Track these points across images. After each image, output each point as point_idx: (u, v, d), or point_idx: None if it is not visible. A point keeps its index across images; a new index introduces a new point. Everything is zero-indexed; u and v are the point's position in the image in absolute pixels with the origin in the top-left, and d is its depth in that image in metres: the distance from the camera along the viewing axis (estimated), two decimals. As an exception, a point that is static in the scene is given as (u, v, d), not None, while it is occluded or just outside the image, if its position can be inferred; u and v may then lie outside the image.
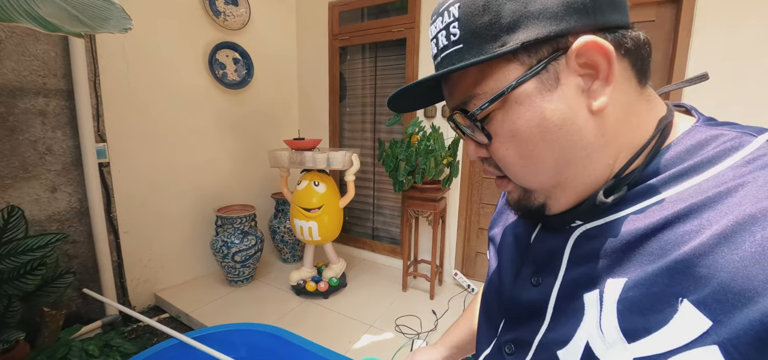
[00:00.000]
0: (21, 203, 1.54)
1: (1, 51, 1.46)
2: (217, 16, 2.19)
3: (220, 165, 2.37)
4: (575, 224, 0.36)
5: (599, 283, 0.32)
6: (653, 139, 0.33)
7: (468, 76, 0.34)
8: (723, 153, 0.30)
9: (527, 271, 0.41)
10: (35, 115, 1.58)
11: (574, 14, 0.30)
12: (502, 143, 0.35)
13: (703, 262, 0.26)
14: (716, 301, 0.25)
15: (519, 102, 0.32)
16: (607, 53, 0.30)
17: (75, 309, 1.72)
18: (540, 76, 0.31)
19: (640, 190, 0.32)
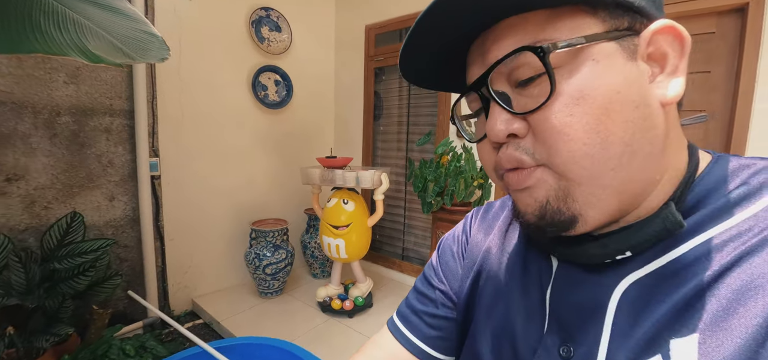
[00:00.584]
0: (84, 210, 1.72)
1: (78, 77, 1.68)
2: (261, 42, 2.36)
3: (258, 180, 2.50)
4: (622, 256, 0.29)
5: (660, 347, 0.26)
6: (691, 166, 0.30)
7: (531, 19, 0.27)
8: (766, 183, 0.27)
9: (552, 341, 0.32)
10: (101, 132, 1.78)
11: (651, 2, 0.27)
12: (566, 105, 0.27)
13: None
14: None
15: (596, 59, 0.26)
16: (683, 42, 0.27)
17: (121, 308, 1.87)
18: (620, 42, 0.27)
19: (695, 221, 0.28)
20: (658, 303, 0.27)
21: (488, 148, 0.32)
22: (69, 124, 1.67)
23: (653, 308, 0.27)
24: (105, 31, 0.69)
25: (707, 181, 0.29)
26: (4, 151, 1.50)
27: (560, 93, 0.27)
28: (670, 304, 0.27)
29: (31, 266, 1.28)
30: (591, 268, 0.31)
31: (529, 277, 0.36)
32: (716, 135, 1.54)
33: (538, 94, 0.28)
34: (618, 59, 0.26)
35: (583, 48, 0.26)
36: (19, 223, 1.56)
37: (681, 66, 0.28)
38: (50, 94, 1.61)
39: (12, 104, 1.52)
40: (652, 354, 0.26)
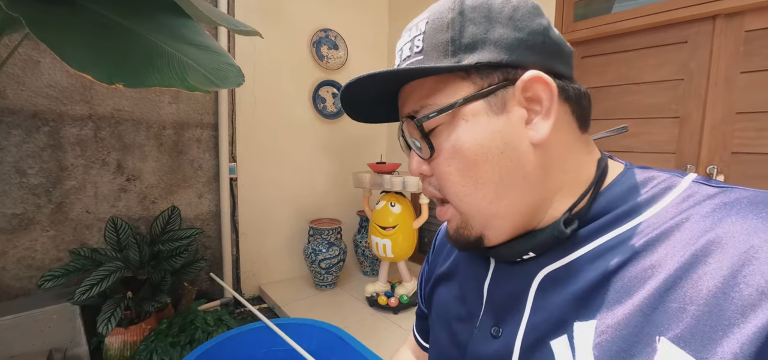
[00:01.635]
0: (180, 204, 2.11)
1: (178, 98, 2.09)
2: (321, 60, 2.63)
3: (317, 183, 2.77)
4: (527, 256, 0.36)
5: (566, 328, 0.31)
6: (597, 179, 0.35)
7: (424, 87, 0.35)
8: (662, 192, 0.32)
9: (486, 322, 0.38)
10: (194, 142, 2.17)
11: (527, 51, 0.32)
12: (446, 159, 0.34)
13: (672, 296, 0.26)
14: (693, 335, 0.24)
15: (466, 119, 0.33)
16: (550, 89, 0.32)
17: (204, 288, 2.24)
18: (488, 99, 0.32)
19: (594, 227, 0.33)
20: (565, 292, 0.32)
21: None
22: (171, 135, 2.08)
23: (562, 296, 0.32)
24: (198, 65, 0.92)
25: (613, 193, 0.34)
26: (126, 158, 1.93)
27: (441, 149, 0.35)
28: (574, 293, 0.31)
29: (143, 247, 1.64)
30: (517, 264, 0.37)
31: (473, 275, 0.43)
32: None
33: (428, 149, 0.36)
34: (483, 117, 0.33)
35: (457, 110, 0.33)
36: (134, 214, 1.98)
37: (552, 108, 0.32)
38: (158, 113, 2.03)
39: (132, 121, 1.95)
40: (560, 333, 0.32)
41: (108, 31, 0.80)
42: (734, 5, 1.44)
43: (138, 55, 0.82)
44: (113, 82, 0.69)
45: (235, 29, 1.13)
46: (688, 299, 0.26)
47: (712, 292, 0.25)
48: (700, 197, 0.30)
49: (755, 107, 1.45)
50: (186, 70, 0.86)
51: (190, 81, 0.85)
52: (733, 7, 1.45)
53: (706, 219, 0.28)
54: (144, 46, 0.84)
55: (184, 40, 0.97)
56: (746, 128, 1.47)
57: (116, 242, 1.71)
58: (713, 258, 0.26)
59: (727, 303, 0.24)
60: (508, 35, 0.32)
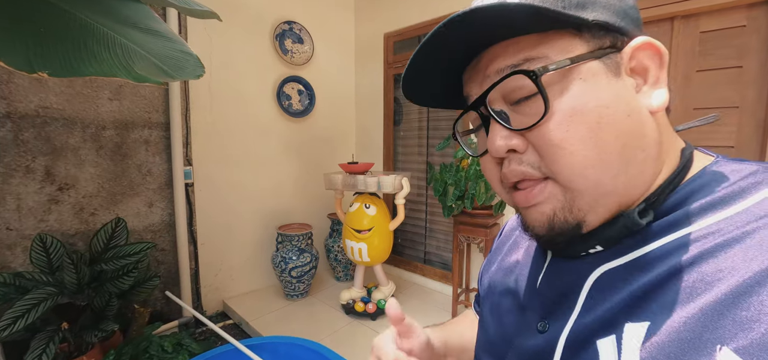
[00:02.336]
0: (126, 216, 1.86)
1: (120, 94, 1.83)
2: (285, 54, 2.46)
3: (284, 186, 2.60)
4: (594, 250, 0.33)
5: (616, 328, 0.29)
6: (680, 168, 0.32)
7: (524, 41, 0.30)
8: (751, 187, 0.28)
9: (533, 317, 0.37)
10: (141, 144, 1.92)
11: (630, 20, 0.31)
12: (561, 122, 0.29)
13: (743, 303, 0.23)
14: (762, 349, 0.22)
15: (583, 78, 0.29)
16: (661, 55, 0.30)
17: (158, 308, 2.00)
18: (604, 61, 0.29)
19: (667, 221, 0.30)
20: (620, 290, 0.30)
21: (491, 163, 0.35)
22: (113, 136, 1.82)
23: (616, 295, 0.30)
24: (147, 52, 0.76)
25: (693, 185, 0.31)
26: (57, 163, 1.66)
27: (554, 111, 0.29)
28: (629, 292, 0.29)
29: (81, 267, 1.40)
30: (574, 259, 0.35)
31: (529, 269, 0.41)
32: (751, 131, 1.47)
33: (534, 113, 0.30)
34: (603, 77, 0.29)
35: (571, 68, 0.29)
36: (69, 228, 1.71)
37: (662, 77, 0.30)
38: (96, 110, 1.76)
39: (64, 120, 1.67)
40: (609, 333, 0.29)
41: (28, 8, 0.63)
42: (690, 8, 1.53)
43: (68, 38, 0.65)
44: (35, 71, 0.53)
45: (187, 9, 0.97)
46: (764, 309, 0.22)
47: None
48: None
49: (710, 103, 1.55)
50: (132, 58, 0.71)
51: (137, 70, 0.70)
52: (688, 9, 1.53)
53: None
54: (75, 26, 0.67)
55: (127, 22, 0.81)
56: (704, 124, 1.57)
57: (46, 264, 1.45)
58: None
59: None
60: (614, 2, 0.30)
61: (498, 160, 0.34)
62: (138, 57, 0.72)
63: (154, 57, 0.76)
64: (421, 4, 2.45)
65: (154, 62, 0.75)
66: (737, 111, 1.49)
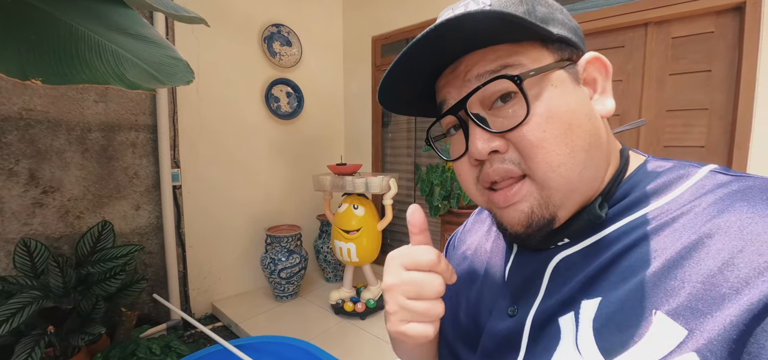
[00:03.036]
0: (113, 218, 1.85)
1: (106, 96, 1.82)
2: (273, 57, 2.47)
3: (273, 187, 2.60)
4: (562, 243, 0.36)
5: (574, 305, 0.33)
6: (623, 165, 0.37)
7: (500, 50, 0.33)
8: (676, 180, 0.33)
9: (504, 303, 0.40)
10: (128, 146, 1.91)
11: (579, 38, 0.36)
12: (539, 123, 0.32)
13: (672, 274, 0.28)
14: (689, 309, 0.26)
15: (554, 85, 0.33)
16: (606, 68, 0.35)
17: (146, 311, 1.99)
18: (568, 70, 0.34)
19: (614, 211, 0.35)
20: (577, 273, 0.34)
21: (467, 166, 0.37)
22: (99, 139, 1.80)
23: (573, 277, 0.34)
24: (139, 59, 0.78)
25: (632, 180, 0.36)
26: (41, 166, 1.64)
27: (533, 113, 0.32)
28: (585, 273, 0.33)
29: (67, 270, 1.39)
30: (536, 250, 0.39)
31: (497, 258, 0.45)
32: (720, 132, 1.55)
33: (513, 115, 0.32)
34: (569, 84, 0.34)
35: (544, 75, 0.33)
36: (54, 232, 1.69)
37: (608, 87, 0.36)
38: (82, 113, 1.75)
39: (48, 123, 1.65)
40: (568, 311, 0.33)
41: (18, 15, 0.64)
42: (662, 14, 1.60)
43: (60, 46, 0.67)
44: (28, 78, 0.55)
45: (175, 15, 0.98)
46: (687, 278, 0.27)
47: (711, 271, 0.26)
48: (712, 185, 0.31)
49: (682, 105, 1.63)
50: (123, 65, 0.73)
51: (129, 78, 0.72)
52: (661, 16, 1.61)
53: (714, 206, 0.29)
54: (67, 34, 0.69)
55: (118, 29, 0.83)
56: (675, 124, 1.65)
57: (30, 268, 1.44)
58: (715, 241, 0.27)
59: (722, 280, 0.25)
60: (566, 21, 0.35)
61: (475, 162, 0.36)
62: (130, 64, 0.74)
63: (146, 63, 0.78)
64: (408, 8, 2.49)
65: (145, 69, 0.77)
66: (707, 113, 1.58)
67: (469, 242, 0.52)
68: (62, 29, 0.69)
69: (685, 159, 0.37)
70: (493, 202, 0.36)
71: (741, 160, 1.46)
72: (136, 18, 0.92)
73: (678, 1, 1.55)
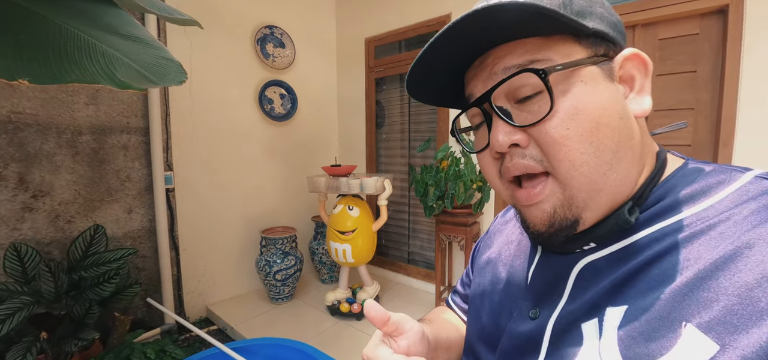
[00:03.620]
0: (105, 222, 1.83)
1: (97, 99, 1.80)
2: (266, 58, 2.47)
3: (267, 190, 2.60)
4: (588, 247, 0.35)
5: (598, 312, 0.32)
6: (659, 168, 0.35)
7: (529, 43, 0.32)
8: (716, 185, 0.32)
9: (526, 305, 0.39)
10: (119, 149, 1.89)
11: (619, 33, 0.34)
12: (563, 120, 0.31)
13: (705, 285, 0.26)
14: (722, 324, 0.25)
15: (584, 81, 0.31)
16: (646, 66, 0.33)
17: (140, 316, 1.97)
18: (600, 66, 0.32)
19: (645, 217, 0.33)
20: (603, 279, 0.33)
21: (489, 158, 0.37)
22: (90, 142, 1.79)
23: (599, 282, 0.33)
24: (130, 60, 0.78)
25: (668, 185, 0.34)
26: (30, 170, 1.62)
27: (557, 110, 0.31)
28: (610, 280, 0.32)
29: (59, 275, 1.38)
30: (562, 253, 0.38)
31: (521, 262, 0.44)
32: (706, 131, 1.59)
33: (537, 110, 0.32)
34: (601, 81, 0.32)
35: (573, 71, 0.31)
36: (44, 237, 1.66)
37: (646, 86, 0.34)
38: (72, 115, 1.73)
39: (37, 126, 1.63)
40: (591, 317, 0.32)
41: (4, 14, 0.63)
42: (649, 17, 1.64)
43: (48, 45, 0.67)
44: (16, 78, 0.54)
45: (168, 17, 0.98)
46: (722, 290, 0.26)
47: (749, 285, 0.25)
48: (756, 192, 0.29)
49: (669, 105, 1.66)
50: (114, 64, 0.73)
51: (119, 77, 0.71)
52: (648, 18, 1.64)
53: (756, 214, 0.27)
54: (56, 34, 0.68)
55: (109, 29, 0.82)
56: (663, 124, 1.68)
57: (21, 273, 1.42)
58: (755, 252, 0.26)
59: (761, 295, 0.24)
60: (606, 15, 0.34)
61: (497, 155, 0.35)
62: (120, 64, 0.74)
63: (137, 64, 0.78)
64: (401, 10, 2.51)
65: (136, 69, 0.77)
66: (693, 112, 1.61)
67: (494, 246, 0.52)
68: (51, 29, 0.69)
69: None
70: (516, 199, 0.36)
71: (726, 158, 1.50)
72: (128, 19, 0.92)
73: (664, 4, 1.58)
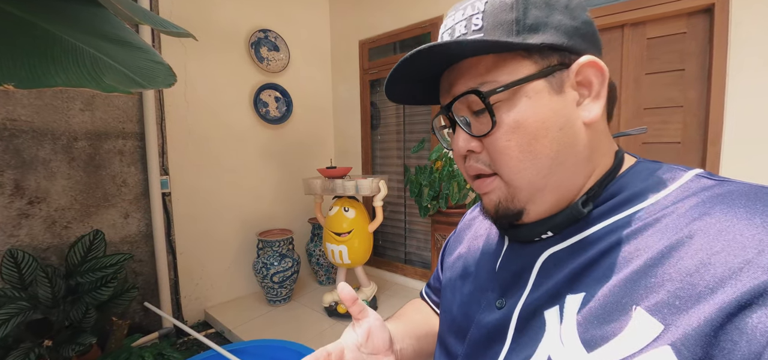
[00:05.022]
0: (101, 227, 1.84)
1: (92, 104, 1.82)
2: (261, 62, 2.48)
3: (263, 192, 2.61)
4: (545, 235, 0.39)
5: (559, 299, 0.35)
6: (615, 167, 0.38)
7: (482, 63, 0.36)
8: (663, 183, 0.35)
9: (492, 296, 0.42)
10: (115, 154, 1.91)
11: (579, 38, 0.35)
12: (505, 133, 0.35)
13: (652, 272, 0.29)
14: (667, 306, 0.27)
15: (528, 96, 0.34)
16: (603, 73, 0.35)
17: (137, 320, 1.97)
18: (549, 79, 0.35)
19: (601, 210, 0.36)
20: (564, 268, 0.36)
21: (458, 156, 0.42)
22: (85, 148, 1.80)
23: (560, 272, 0.36)
24: (118, 64, 0.79)
25: (621, 182, 0.37)
26: (26, 177, 1.63)
27: (501, 123, 0.35)
28: (570, 269, 0.35)
29: (56, 281, 1.39)
30: (527, 244, 0.41)
31: (488, 255, 0.47)
32: (694, 128, 1.60)
33: (486, 123, 0.37)
34: (545, 95, 0.35)
35: (518, 88, 0.34)
36: (41, 243, 1.68)
37: (602, 93, 0.36)
38: (68, 121, 1.74)
39: (33, 132, 1.65)
40: (553, 304, 0.35)
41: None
42: (638, 16, 1.65)
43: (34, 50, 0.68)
44: (0, 84, 0.56)
45: (163, 30, 1.00)
46: (667, 276, 0.28)
47: (689, 270, 0.28)
48: (696, 189, 0.32)
49: (658, 103, 1.68)
50: (101, 68, 0.74)
51: (106, 80, 0.73)
52: (636, 18, 1.66)
53: (696, 208, 0.31)
54: (41, 38, 0.70)
55: (96, 33, 0.84)
56: (652, 122, 1.70)
57: (18, 279, 1.43)
58: (695, 242, 0.28)
59: (699, 279, 0.27)
60: (565, 22, 0.35)
61: (460, 155, 0.41)
62: (107, 67, 0.75)
63: (125, 67, 0.79)
64: (395, 12, 2.53)
65: (124, 72, 0.78)
66: (682, 110, 1.62)
67: (464, 242, 0.55)
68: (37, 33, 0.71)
69: (659, 157, 0.38)
70: (476, 188, 0.41)
71: (714, 155, 1.51)
72: (117, 22, 0.93)
73: (652, 4, 1.60)
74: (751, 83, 1.40)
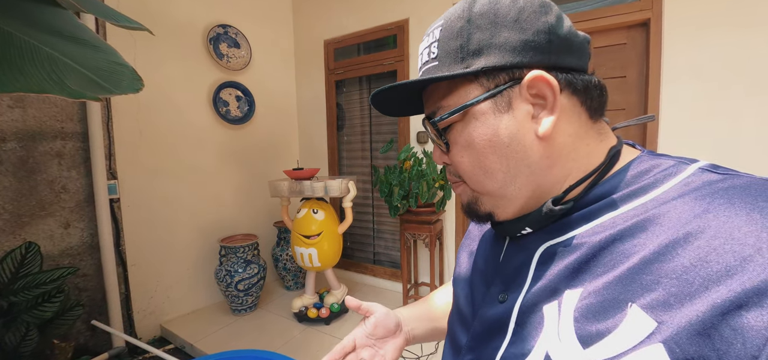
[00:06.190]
0: (37, 239, 1.64)
1: (23, 101, 1.61)
2: (220, 59, 2.35)
3: (224, 196, 2.48)
4: (525, 231, 0.40)
5: (558, 295, 0.35)
6: (603, 165, 0.37)
7: (439, 90, 0.40)
8: (663, 178, 0.34)
9: (495, 290, 0.43)
10: (53, 157, 1.70)
11: (531, 51, 0.35)
12: (458, 151, 0.40)
13: (649, 269, 0.29)
14: (661, 303, 0.28)
15: (476, 117, 0.37)
16: (552, 87, 0.34)
17: (83, 341, 1.79)
18: (495, 99, 0.36)
19: (593, 208, 0.36)
20: (561, 263, 0.36)
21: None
22: (16, 150, 1.59)
23: (558, 267, 0.36)
24: (77, 64, 0.72)
25: (618, 178, 0.36)
26: (-60, 185, 1.40)
27: (455, 143, 0.40)
28: (568, 266, 0.35)
29: (-17, 304, 1.21)
30: (524, 239, 0.41)
31: (494, 249, 0.48)
32: (635, 131, 1.80)
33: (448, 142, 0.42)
34: (490, 115, 0.37)
35: (469, 109, 0.37)
36: (-39, 261, 1.45)
37: (556, 104, 0.35)
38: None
39: (-52, 134, 1.42)
40: (552, 300, 0.36)
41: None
42: (585, 27, 1.82)
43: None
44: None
45: (115, 23, 0.91)
46: (663, 274, 0.29)
47: (685, 267, 0.28)
48: (698, 183, 0.32)
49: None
50: (63, 72, 0.67)
51: (70, 85, 0.66)
52: (584, 29, 1.82)
53: (696, 203, 0.30)
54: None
55: (51, 30, 0.75)
56: (600, 124, 1.88)
57: (-68, 305, 1.22)
58: (692, 239, 0.28)
59: (694, 276, 0.27)
60: (512, 38, 0.35)
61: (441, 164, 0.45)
62: (68, 70, 0.68)
63: (86, 69, 0.72)
64: (359, 13, 2.53)
65: (87, 76, 0.71)
66: (624, 113, 1.82)
67: (474, 236, 0.57)
68: (-13, 32, 0.62)
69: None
70: (452, 188, 0.47)
71: (652, 153, 1.71)
72: (69, 18, 0.84)
73: (596, 17, 1.78)
74: (681, 89, 1.62)
